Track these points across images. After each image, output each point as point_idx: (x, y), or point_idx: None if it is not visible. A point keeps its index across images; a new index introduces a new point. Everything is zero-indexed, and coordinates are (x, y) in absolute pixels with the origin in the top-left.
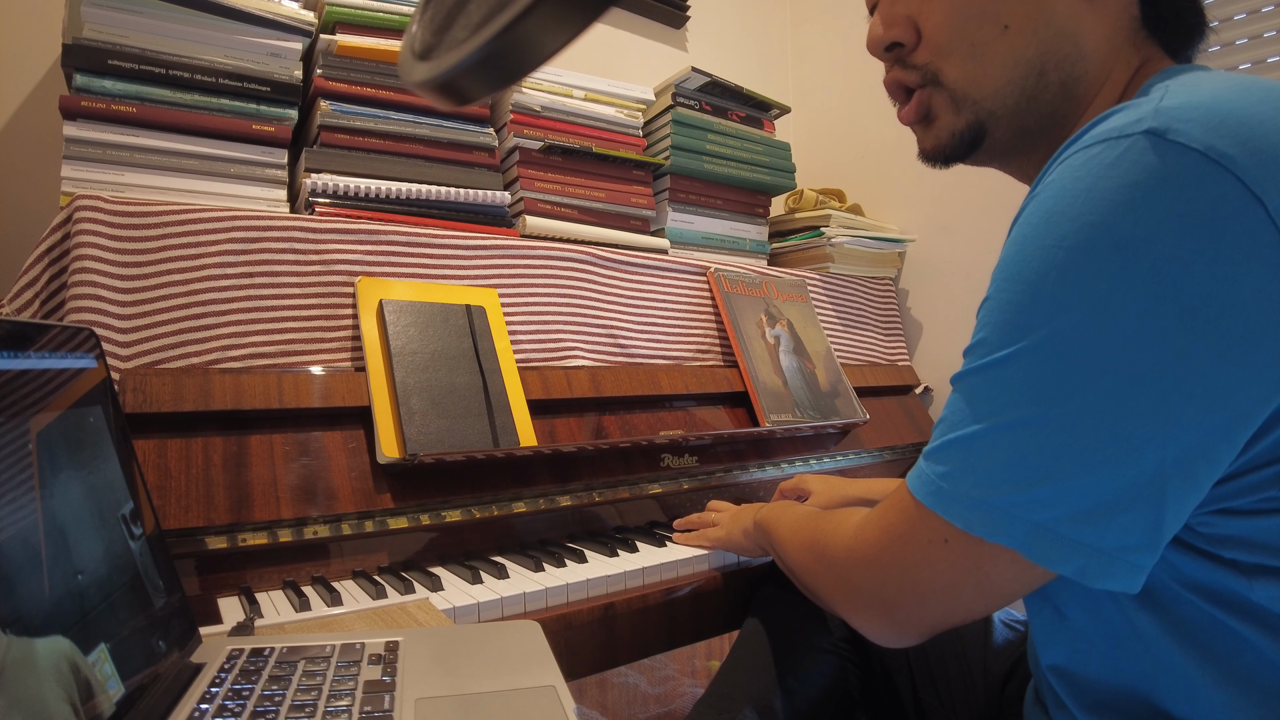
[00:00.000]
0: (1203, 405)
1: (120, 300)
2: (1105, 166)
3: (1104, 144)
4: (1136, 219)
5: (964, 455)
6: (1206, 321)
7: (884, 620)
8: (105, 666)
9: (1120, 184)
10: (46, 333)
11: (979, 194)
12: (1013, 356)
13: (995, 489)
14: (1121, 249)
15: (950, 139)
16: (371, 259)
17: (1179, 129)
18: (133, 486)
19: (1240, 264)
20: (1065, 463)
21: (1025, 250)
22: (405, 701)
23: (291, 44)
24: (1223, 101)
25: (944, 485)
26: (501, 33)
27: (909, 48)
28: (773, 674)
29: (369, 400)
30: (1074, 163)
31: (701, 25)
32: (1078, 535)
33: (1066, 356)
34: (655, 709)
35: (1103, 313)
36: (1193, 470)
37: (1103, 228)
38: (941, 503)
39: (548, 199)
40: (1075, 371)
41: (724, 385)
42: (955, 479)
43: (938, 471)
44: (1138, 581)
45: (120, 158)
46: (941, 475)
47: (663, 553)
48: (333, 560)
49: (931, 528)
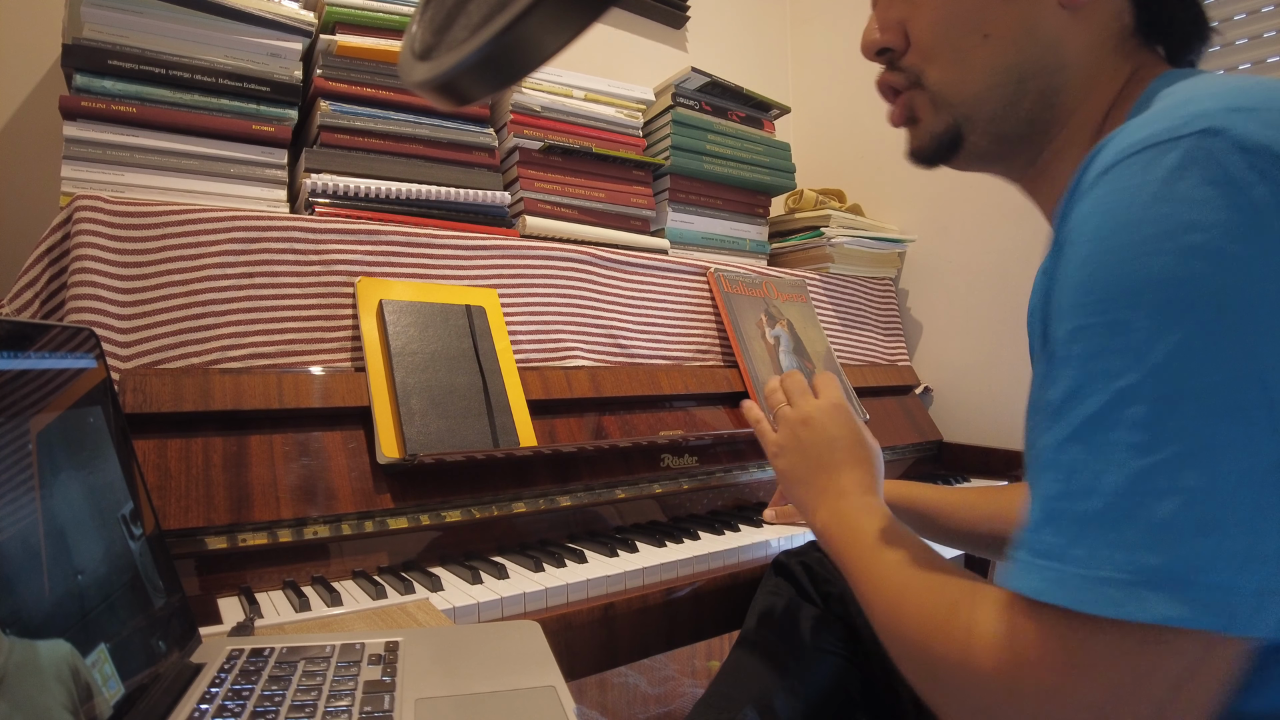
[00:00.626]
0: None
1: (120, 300)
2: (1172, 170)
3: (1155, 149)
4: (1231, 211)
5: (1119, 529)
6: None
7: None
8: (105, 667)
9: (1198, 183)
10: (46, 333)
11: (979, 194)
12: (1132, 389)
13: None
14: (1226, 243)
15: (930, 141)
16: (371, 259)
17: (1237, 126)
18: (133, 487)
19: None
20: (1248, 498)
21: (1119, 268)
22: (405, 702)
23: (291, 44)
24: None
25: (1108, 574)
26: (501, 33)
27: (899, 52)
28: (773, 674)
29: (369, 400)
30: (1127, 173)
31: (701, 25)
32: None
33: (1215, 364)
34: (655, 709)
35: (1223, 312)
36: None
37: (1193, 226)
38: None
39: (548, 199)
40: (1230, 381)
41: (724, 385)
42: (1118, 564)
43: (1086, 560)
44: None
45: (120, 158)
46: (1096, 563)
47: (663, 553)
48: (333, 560)
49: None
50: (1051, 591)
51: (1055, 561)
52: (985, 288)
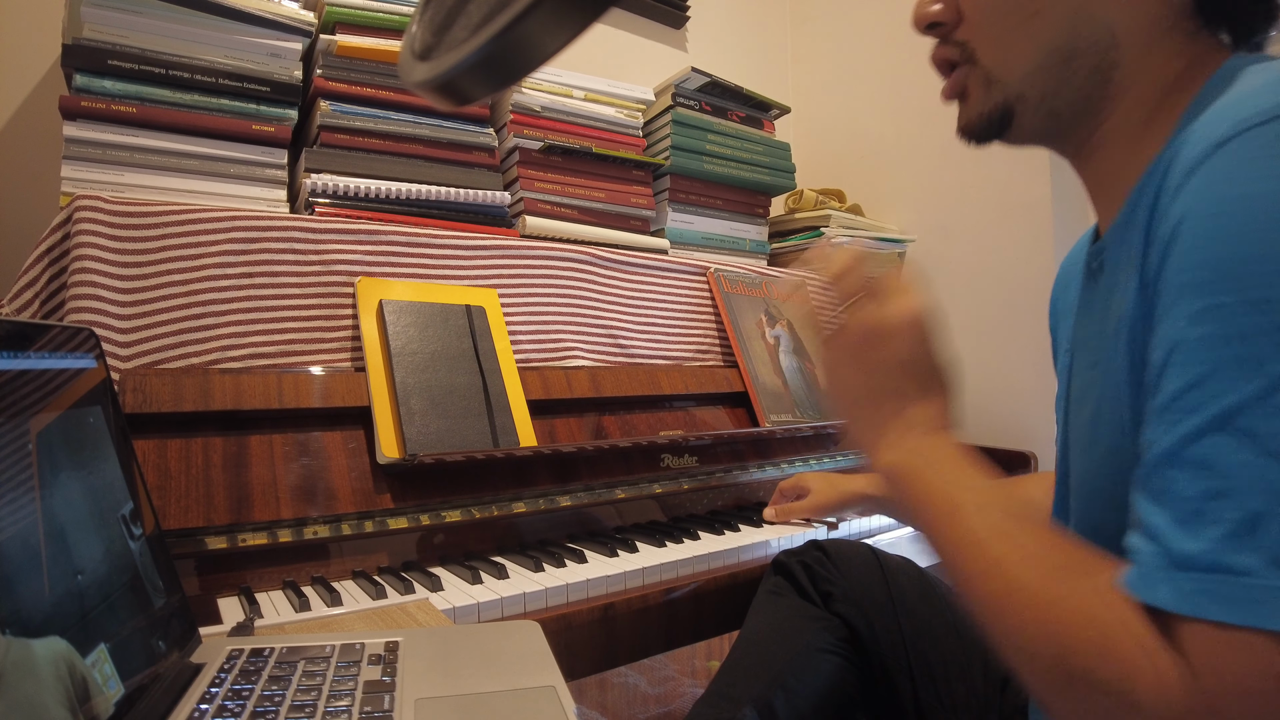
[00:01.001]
0: None
1: (120, 300)
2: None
3: (1264, 126)
4: None
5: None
6: None
7: None
8: (105, 667)
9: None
10: (46, 333)
11: (979, 194)
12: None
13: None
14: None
15: (979, 119)
16: (371, 259)
17: None
18: (132, 487)
19: None
20: None
21: (1239, 244)
22: (405, 702)
23: (291, 44)
24: None
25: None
26: (501, 33)
27: (950, 26)
28: (772, 674)
29: (369, 400)
30: (1247, 147)
31: (701, 25)
32: None
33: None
34: (655, 709)
35: None
36: None
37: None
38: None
39: (547, 199)
40: None
41: (724, 385)
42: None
43: (1250, 567)
44: None
45: (120, 158)
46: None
47: (663, 553)
48: (332, 560)
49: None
50: (1228, 610)
51: (1220, 574)
52: (985, 288)
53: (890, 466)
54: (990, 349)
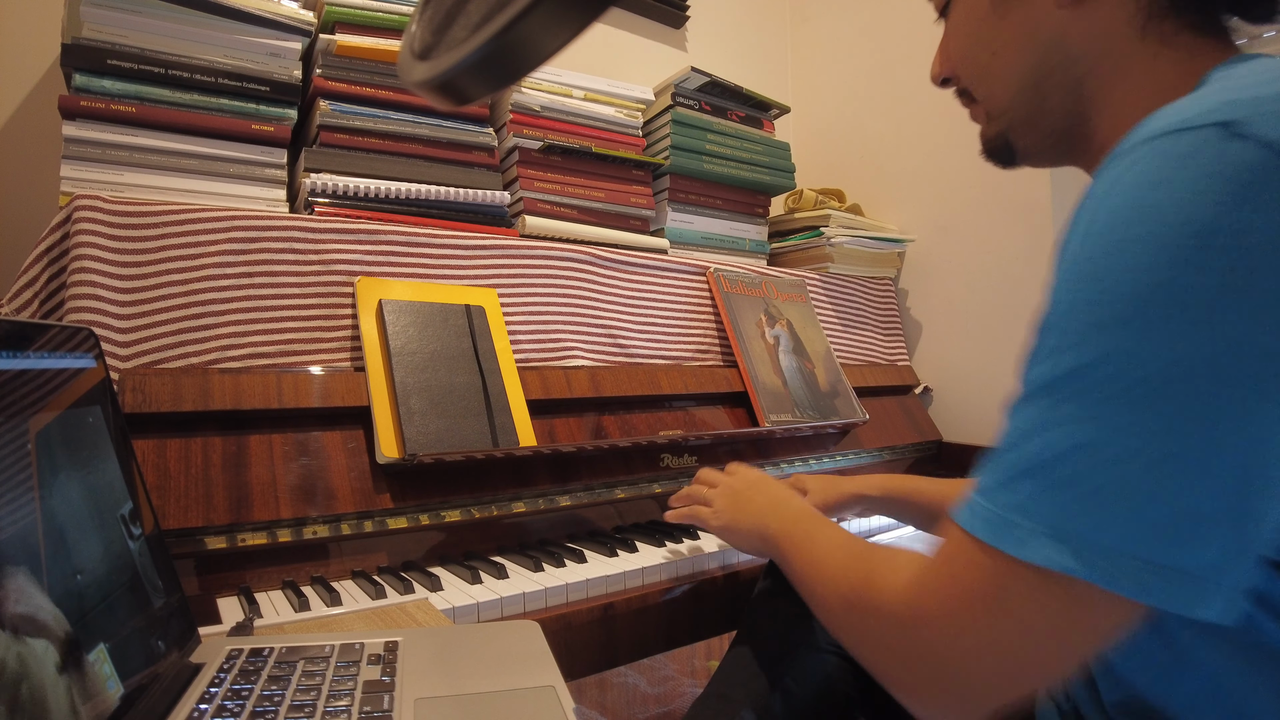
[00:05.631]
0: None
1: (119, 300)
2: (1179, 158)
3: (1170, 136)
4: (1218, 211)
5: (1046, 480)
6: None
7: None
8: (104, 666)
9: (1198, 175)
10: (46, 333)
11: (979, 194)
12: (1095, 363)
13: (1093, 518)
14: (1204, 242)
15: (987, 144)
16: (371, 259)
17: (1252, 121)
18: (132, 486)
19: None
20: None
21: (1094, 247)
22: (405, 701)
23: (291, 44)
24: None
25: (1018, 520)
26: (501, 33)
27: (954, 78)
28: (771, 674)
29: (368, 400)
30: (1140, 156)
31: (701, 25)
32: (1183, 562)
33: (1158, 356)
34: (655, 709)
35: (1187, 309)
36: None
37: (1183, 220)
38: (1018, 542)
39: (547, 199)
40: (1164, 374)
41: (724, 385)
42: (1030, 511)
43: (1012, 502)
44: (1232, 609)
45: (119, 158)
46: (1016, 508)
47: (662, 553)
48: (332, 560)
49: (1010, 575)
50: (972, 522)
51: (984, 499)
52: (985, 288)
53: (774, 535)
54: (990, 349)
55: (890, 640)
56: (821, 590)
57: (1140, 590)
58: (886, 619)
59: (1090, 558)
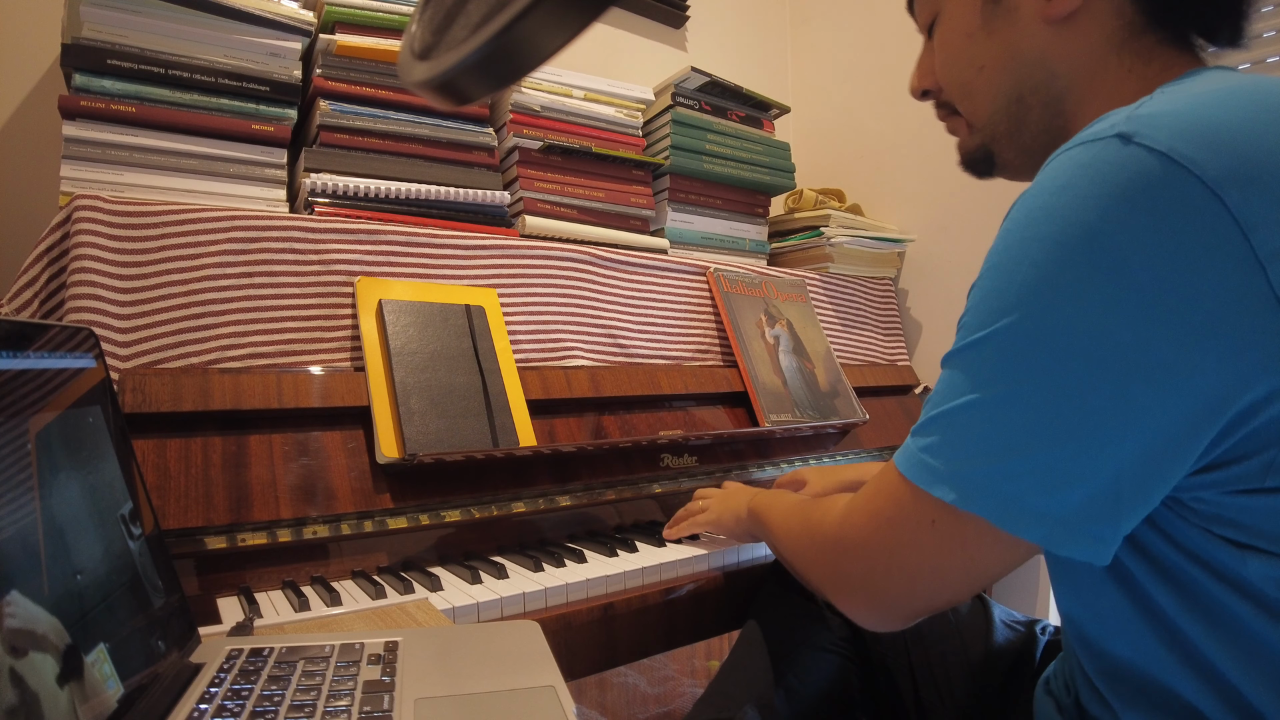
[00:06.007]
0: (1163, 390)
1: (119, 300)
2: (1080, 167)
3: (1080, 147)
4: (1103, 214)
5: (944, 428)
6: (1167, 310)
7: (870, 604)
8: (104, 666)
9: (1091, 182)
10: (45, 333)
11: (979, 194)
12: (989, 337)
13: (971, 462)
14: (1089, 241)
15: (967, 155)
16: (371, 259)
17: (1145, 133)
18: (132, 486)
19: (1200, 256)
20: (1032, 437)
21: (1007, 242)
22: (405, 701)
23: (291, 44)
24: (1196, 109)
25: (928, 459)
26: (501, 32)
27: (935, 91)
28: (773, 672)
29: (368, 400)
30: (1055, 164)
31: (701, 25)
32: (1040, 505)
33: (1036, 338)
34: (655, 709)
35: (1070, 299)
36: (1154, 452)
37: (1073, 222)
38: (925, 475)
39: (547, 199)
40: (1043, 352)
41: (724, 385)
42: (937, 451)
43: (921, 445)
44: (1102, 553)
45: (119, 157)
46: (925, 448)
47: (662, 553)
48: (332, 560)
49: (917, 506)
50: (900, 459)
51: (910, 441)
52: None
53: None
54: None
55: (825, 559)
56: (782, 536)
57: (1012, 524)
58: (822, 545)
59: (970, 493)
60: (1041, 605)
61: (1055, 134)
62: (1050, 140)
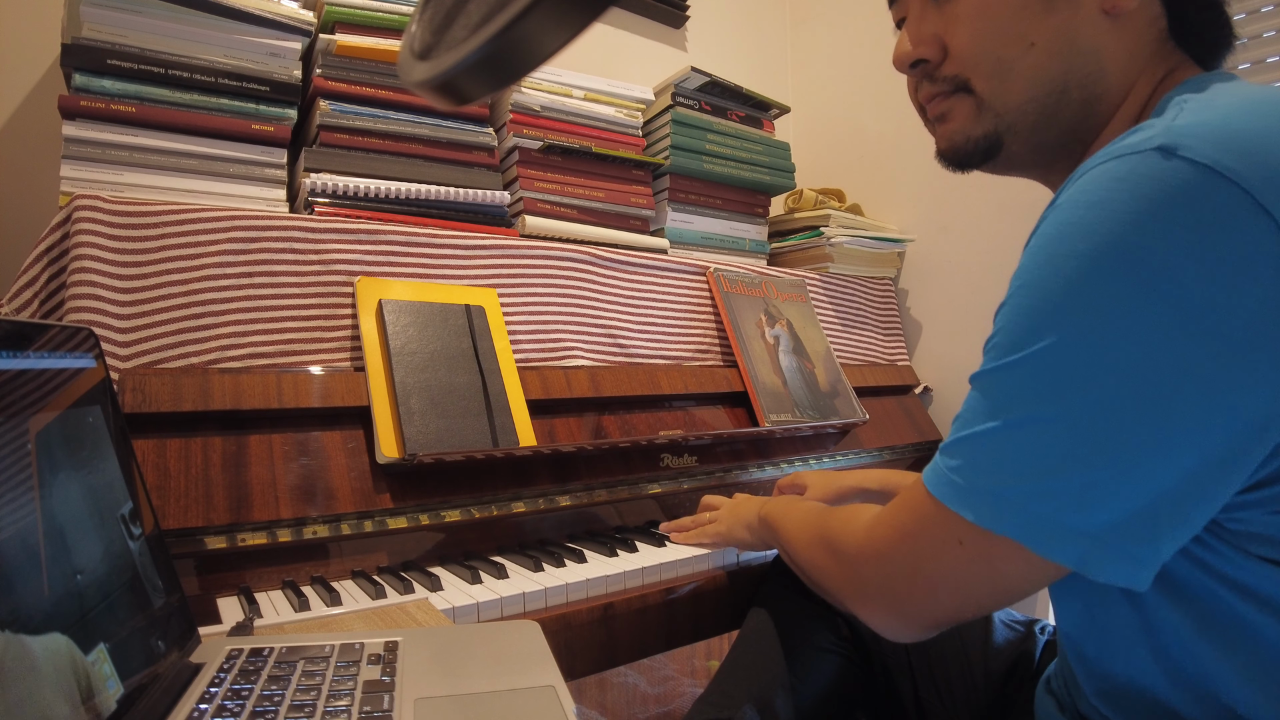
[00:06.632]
0: (1205, 410)
1: (119, 300)
2: (1116, 181)
3: (1117, 160)
4: (1143, 230)
5: (976, 450)
6: (1208, 328)
7: (894, 615)
8: (104, 666)
9: (1130, 197)
10: (45, 332)
11: (979, 194)
12: (1025, 359)
13: (1003, 482)
14: (1128, 258)
15: (965, 143)
16: (371, 259)
17: (1188, 145)
18: (132, 486)
19: (1244, 271)
20: (1069, 458)
21: (1039, 259)
22: (405, 701)
23: (291, 44)
24: (1233, 120)
25: (956, 479)
26: (501, 32)
27: (934, 64)
28: (773, 672)
29: (368, 400)
30: (1089, 178)
31: (701, 25)
32: (1077, 525)
33: (1073, 359)
34: (655, 709)
35: (1108, 319)
36: (1196, 473)
37: (1111, 238)
38: (953, 495)
39: (547, 199)
40: (1081, 375)
41: (724, 385)
42: (967, 472)
43: (951, 465)
44: (1141, 577)
45: (119, 157)
46: (954, 469)
47: (662, 553)
48: (332, 560)
49: (944, 524)
50: (929, 475)
51: (939, 458)
52: (985, 288)
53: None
54: None
55: (845, 569)
56: (798, 545)
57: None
58: (845, 557)
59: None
60: (1041, 605)
61: (1078, 136)
62: (1071, 140)
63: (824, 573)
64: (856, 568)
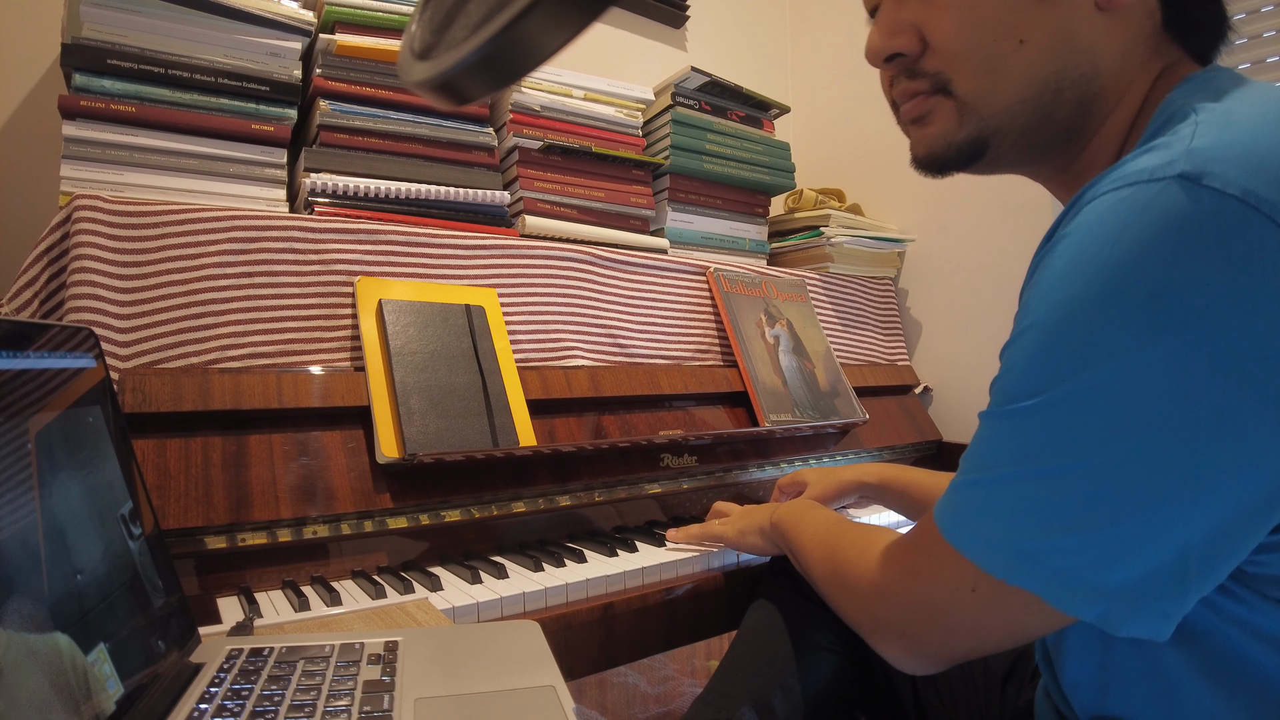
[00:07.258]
0: (1239, 461)
1: (119, 300)
2: (1137, 211)
3: (1135, 187)
4: (1171, 266)
5: (990, 498)
6: (1243, 373)
7: (912, 654)
8: (104, 666)
9: (1153, 230)
10: (45, 332)
11: (979, 194)
12: (1039, 407)
13: (1019, 534)
14: (1154, 298)
15: (946, 149)
16: (371, 259)
17: (1214, 172)
18: (132, 486)
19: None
20: (1092, 514)
21: (1052, 296)
22: (404, 701)
23: (291, 43)
24: (1260, 139)
25: (970, 525)
26: (501, 32)
27: (913, 57)
28: (772, 672)
29: (368, 400)
30: (1103, 205)
31: (701, 25)
32: (1100, 582)
33: (1094, 411)
34: (655, 709)
35: (1132, 365)
36: (1226, 524)
37: (1134, 275)
38: (966, 542)
39: (547, 199)
40: (1103, 426)
41: (724, 385)
42: (980, 520)
43: (964, 509)
44: (1164, 629)
45: (119, 157)
46: (968, 514)
47: (662, 553)
48: (332, 560)
49: (957, 570)
50: (940, 513)
51: (950, 495)
52: (985, 287)
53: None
54: (990, 349)
55: (862, 605)
56: (812, 562)
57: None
58: (856, 589)
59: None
60: None
61: (1073, 135)
62: (1066, 140)
63: (838, 599)
64: (871, 607)
